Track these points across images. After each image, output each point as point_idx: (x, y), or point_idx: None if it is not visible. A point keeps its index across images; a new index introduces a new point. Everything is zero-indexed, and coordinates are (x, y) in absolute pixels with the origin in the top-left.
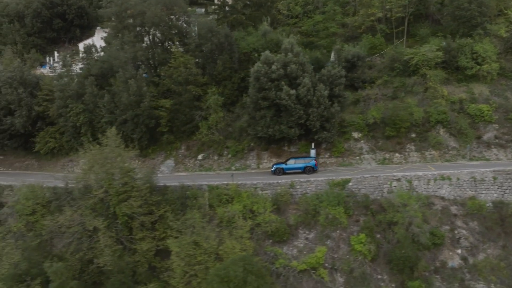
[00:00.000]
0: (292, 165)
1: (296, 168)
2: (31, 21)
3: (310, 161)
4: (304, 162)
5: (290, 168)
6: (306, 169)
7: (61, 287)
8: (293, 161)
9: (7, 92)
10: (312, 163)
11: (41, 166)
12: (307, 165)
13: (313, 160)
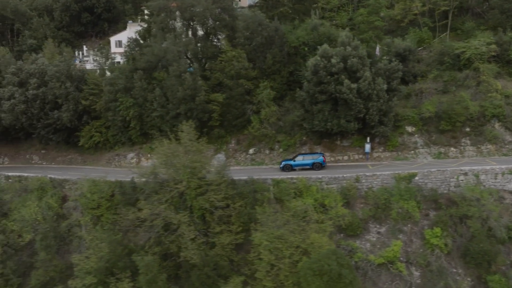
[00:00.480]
0: (301, 161)
1: (304, 164)
2: (60, 15)
3: (318, 157)
4: (312, 158)
5: (298, 164)
6: (314, 165)
7: (152, 280)
8: (301, 158)
9: (55, 86)
10: (320, 159)
11: (84, 160)
12: (315, 161)
13: (321, 157)
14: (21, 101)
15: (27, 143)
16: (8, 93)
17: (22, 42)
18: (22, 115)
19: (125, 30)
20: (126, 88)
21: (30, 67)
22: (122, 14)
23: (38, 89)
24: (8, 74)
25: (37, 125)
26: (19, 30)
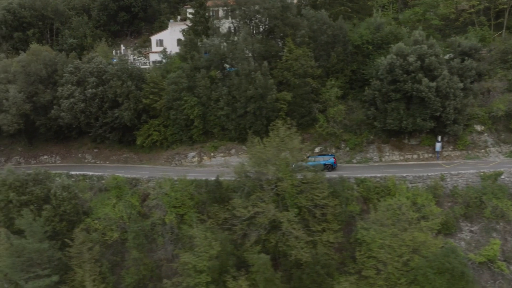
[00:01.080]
0: (312, 163)
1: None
2: (97, 14)
3: (329, 159)
4: (323, 159)
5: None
6: (326, 167)
7: (269, 279)
8: (313, 159)
9: (116, 84)
10: (331, 161)
11: (140, 159)
12: (326, 162)
13: (332, 158)
14: (80, 99)
15: (78, 142)
16: (67, 92)
17: (62, 41)
18: (81, 114)
19: (166, 30)
20: (189, 87)
21: (88, 66)
22: (157, 13)
23: (97, 88)
24: (66, 73)
25: (95, 124)
26: (58, 29)
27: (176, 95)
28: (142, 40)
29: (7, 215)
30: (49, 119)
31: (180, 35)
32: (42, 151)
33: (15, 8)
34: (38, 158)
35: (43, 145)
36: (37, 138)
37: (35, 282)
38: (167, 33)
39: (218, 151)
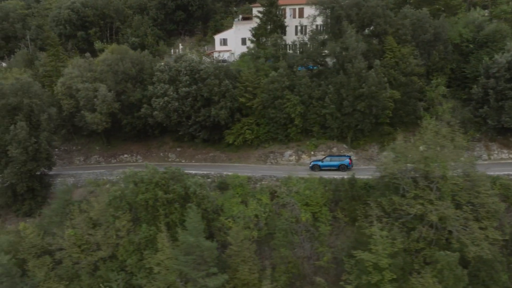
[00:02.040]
0: (328, 162)
1: (331, 165)
2: (155, 13)
3: (344, 159)
4: (339, 160)
5: (326, 165)
6: (341, 167)
7: (458, 277)
8: (329, 159)
9: (214, 83)
10: (346, 162)
11: (229, 158)
12: (341, 163)
13: (347, 159)
14: (173, 98)
15: (157, 141)
16: (161, 90)
17: (123, 40)
18: (174, 112)
19: (230, 29)
20: (290, 85)
21: (179, 65)
22: (211, 12)
23: (190, 87)
24: (158, 72)
25: (187, 122)
26: (119, 28)
27: (278, 94)
28: (197, 39)
29: (152, 213)
30: (135, 118)
31: (244, 34)
32: (121, 150)
33: (79, 7)
34: (118, 157)
35: (121, 144)
36: (114, 137)
37: (212, 279)
38: (231, 32)
39: (319, 149)
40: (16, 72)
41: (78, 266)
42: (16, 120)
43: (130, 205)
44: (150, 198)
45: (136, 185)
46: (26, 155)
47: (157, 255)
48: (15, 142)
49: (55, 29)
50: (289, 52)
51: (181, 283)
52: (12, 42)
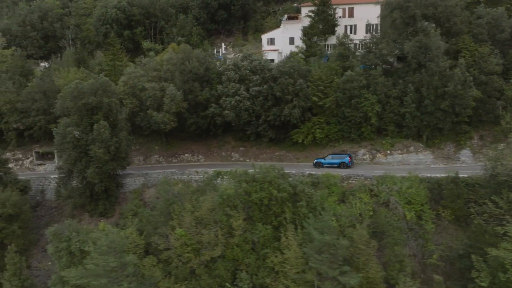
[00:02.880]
0: (330, 160)
1: (333, 163)
2: (198, 12)
3: (345, 157)
4: (340, 158)
5: (327, 162)
6: (341, 164)
7: None
8: (331, 157)
9: (288, 82)
10: (346, 160)
11: (296, 157)
12: (341, 161)
13: (348, 157)
14: (245, 97)
15: (218, 141)
16: (232, 89)
17: (168, 39)
18: (245, 112)
19: (278, 28)
20: (366, 85)
21: (249, 64)
22: (251, 12)
23: (261, 86)
24: (227, 71)
25: (257, 121)
26: (163, 27)
27: (356, 93)
28: (236, 38)
29: (265, 212)
30: (200, 117)
31: (292, 33)
32: (181, 149)
33: (125, 6)
34: (179, 157)
35: (180, 144)
36: (172, 136)
37: (350, 277)
38: (279, 31)
39: (395, 148)
40: (74, 71)
41: (188, 265)
42: (94, 120)
43: (243, 204)
44: (265, 197)
45: (248, 184)
46: (108, 154)
47: (287, 254)
48: (98, 142)
49: (101, 28)
50: None
51: (316, 281)
52: (51, 41)
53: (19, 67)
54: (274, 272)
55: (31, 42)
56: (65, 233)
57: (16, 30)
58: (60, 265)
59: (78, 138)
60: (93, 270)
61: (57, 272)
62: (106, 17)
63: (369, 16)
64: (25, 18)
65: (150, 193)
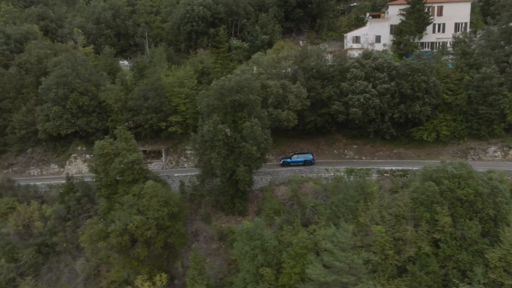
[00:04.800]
0: (295, 159)
1: (298, 161)
2: (276, 10)
3: (308, 156)
4: (304, 157)
5: (293, 161)
6: (306, 162)
7: None
8: (296, 156)
9: (422, 79)
10: (309, 158)
11: (417, 154)
12: (306, 159)
13: (310, 156)
14: (374, 95)
15: (325, 138)
16: (360, 87)
17: (251, 38)
18: (372, 109)
19: (364, 26)
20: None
21: (371, 61)
22: (323, 10)
23: (389, 83)
24: (355, 68)
25: (383, 119)
26: (244, 25)
27: (494, 90)
28: (308, 36)
29: (467, 208)
30: (318, 115)
31: (379, 31)
32: (289, 148)
33: (211, 4)
34: (289, 155)
35: (287, 142)
36: (278, 134)
37: None
38: (365, 29)
39: None
40: (179, 69)
41: (388, 262)
42: (237, 117)
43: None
44: (470, 193)
45: (449, 181)
46: (259, 152)
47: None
48: (251, 139)
49: (186, 26)
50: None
51: None
52: (122, 39)
53: (109, 64)
54: (490, 268)
55: (105, 39)
56: (256, 231)
57: (91, 27)
58: (244, 264)
59: (228, 136)
60: (338, 268)
61: None
62: (192, 14)
63: (458, 15)
64: (99, 16)
65: (282, 191)
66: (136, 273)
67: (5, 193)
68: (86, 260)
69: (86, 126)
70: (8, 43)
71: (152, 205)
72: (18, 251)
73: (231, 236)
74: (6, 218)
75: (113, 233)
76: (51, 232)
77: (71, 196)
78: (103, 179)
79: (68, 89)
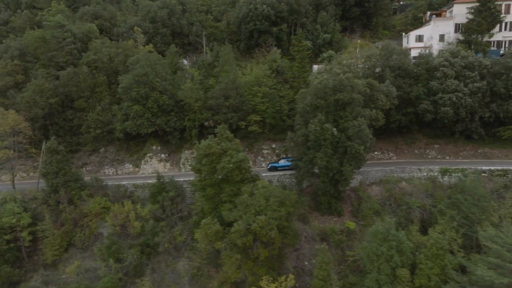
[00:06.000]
0: (283, 163)
1: (286, 166)
2: (334, 9)
3: None
4: (291, 161)
5: (281, 166)
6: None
7: None
8: (283, 161)
9: None
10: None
11: (505, 154)
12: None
13: None
14: (466, 94)
15: (403, 138)
16: (452, 86)
17: (313, 37)
18: (463, 108)
19: (427, 25)
20: None
21: (465, 60)
22: (378, 10)
23: (480, 82)
24: (445, 67)
25: (473, 118)
26: (303, 24)
27: None
28: (362, 35)
29: None
30: (402, 114)
31: (443, 30)
32: None
33: (274, 2)
34: (367, 155)
35: None
36: None
37: None
38: (428, 28)
39: None
40: (259, 68)
41: None
42: (337, 116)
43: None
44: None
45: None
46: (365, 151)
47: None
48: (358, 138)
49: (249, 25)
50: None
51: None
52: (177, 38)
53: (174, 63)
54: None
55: (161, 38)
56: (390, 231)
57: (147, 26)
58: (375, 264)
59: (334, 135)
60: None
61: None
62: (255, 13)
63: None
64: (155, 14)
65: (375, 191)
66: (252, 273)
67: (95, 193)
68: (190, 260)
69: (165, 126)
70: (75, 42)
71: (271, 205)
72: (123, 251)
73: (334, 236)
74: (100, 217)
75: (236, 233)
76: (152, 232)
77: (164, 196)
78: (206, 179)
79: (149, 88)
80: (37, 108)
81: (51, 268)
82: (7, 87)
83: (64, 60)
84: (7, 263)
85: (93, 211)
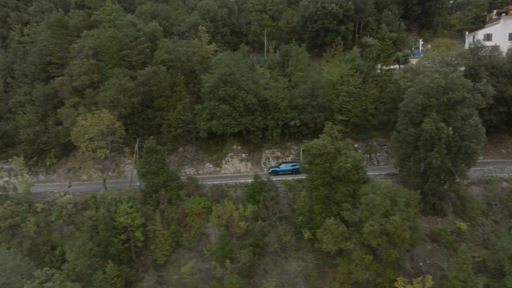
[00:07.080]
0: (284, 168)
1: (287, 170)
2: (397, 8)
3: (295, 165)
4: (292, 166)
5: (282, 170)
6: (294, 171)
7: None
8: (284, 165)
9: None
10: (297, 167)
11: None
12: (294, 168)
13: (297, 165)
14: None
15: (490, 137)
16: None
17: (379, 35)
18: None
19: (496, 24)
20: None
21: None
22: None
23: None
24: None
25: None
26: (368, 23)
27: None
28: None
29: None
30: (494, 113)
31: None
32: None
33: (342, 1)
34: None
35: None
36: None
37: None
38: (497, 27)
39: None
40: (341, 66)
41: None
42: (451, 115)
43: None
44: None
45: None
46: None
47: None
48: (474, 138)
49: (315, 25)
50: None
51: None
52: (234, 37)
53: (244, 62)
54: None
55: (222, 37)
56: None
57: (208, 25)
58: None
59: (449, 135)
60: None
61: None
62: (323, 12)
63: None
64: (215, 14)
65: (476, 191)
66: (378, 274)
67: (191, 192)
68: (303, 261)
69: (250, 125)
70: (146, 41)
71: (399, 206)
72: (235, 251)
73: (446, 237)
74: (202, 217)
75: (370, 234)
76: (261, 232)
77: (265, 195)
78: (318, 179)
79: (236, 87)
80: (120, 107)
81: (161, 268)
82: (83, 87)
83: (137, 59)
84: (122, 263)
85: (194, 211)
